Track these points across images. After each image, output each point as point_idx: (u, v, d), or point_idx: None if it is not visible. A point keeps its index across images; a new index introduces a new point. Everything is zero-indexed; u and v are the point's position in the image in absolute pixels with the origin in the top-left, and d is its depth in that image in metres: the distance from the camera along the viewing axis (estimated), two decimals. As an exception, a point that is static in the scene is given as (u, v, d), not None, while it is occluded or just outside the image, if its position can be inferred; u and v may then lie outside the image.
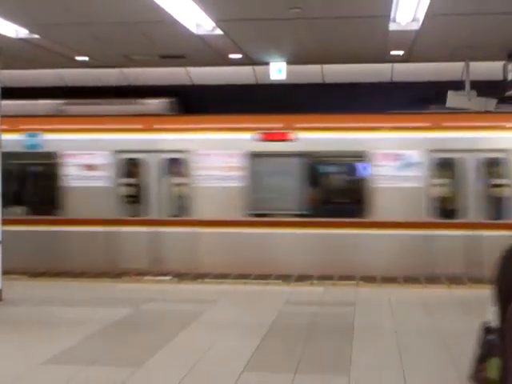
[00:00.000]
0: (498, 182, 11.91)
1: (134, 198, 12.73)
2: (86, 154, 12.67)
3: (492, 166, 11.88)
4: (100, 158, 12.63)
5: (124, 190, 12.76)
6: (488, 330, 2.82)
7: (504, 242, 2.89)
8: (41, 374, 5.89)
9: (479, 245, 11.42)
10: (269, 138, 12.26)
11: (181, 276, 11.39)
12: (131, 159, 12.75)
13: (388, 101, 12.79)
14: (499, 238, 10.67)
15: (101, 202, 12.59)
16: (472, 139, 11.81)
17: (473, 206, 11.76)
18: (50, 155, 12.76)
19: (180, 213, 12.54)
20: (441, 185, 12.14)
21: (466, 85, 11.71)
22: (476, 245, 11.48)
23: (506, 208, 11.68)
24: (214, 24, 9.61)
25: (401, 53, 11.47)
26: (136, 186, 12.76)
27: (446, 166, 11.99)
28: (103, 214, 12.56)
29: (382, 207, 11.81)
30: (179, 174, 12.60)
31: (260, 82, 13.62)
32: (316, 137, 12.16)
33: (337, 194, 12.76)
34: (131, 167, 12.78)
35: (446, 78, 12.46)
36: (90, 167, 12.64)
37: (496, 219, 11.68)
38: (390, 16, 8.98)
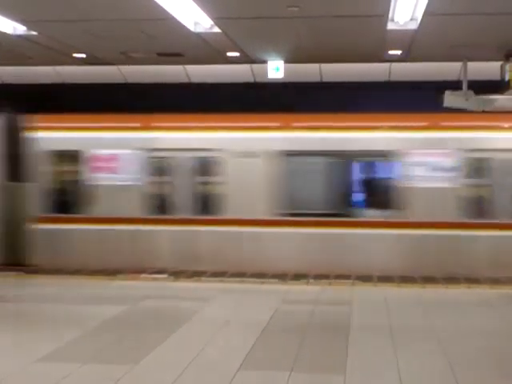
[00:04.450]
0: None
1: None
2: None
3: None
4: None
5: None
6: None
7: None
8: (35, 371, 5.87)
9: None
10: None
11: (177, 274, 11.38)
12: None
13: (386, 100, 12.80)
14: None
15: None
16: None
17: None
18: None
19: None
20: None
21: (463, 85, 11.71)
22: None
23: None
24: (211, 22, 9.60)
25: (399, 52, 11.48)
26: None
27: None
28: None
29: None
30: None
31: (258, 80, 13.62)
32: None
33: None
34: None
35: (444, 78, 12.48)
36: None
37: None
38: (388, 15, 8.98)
